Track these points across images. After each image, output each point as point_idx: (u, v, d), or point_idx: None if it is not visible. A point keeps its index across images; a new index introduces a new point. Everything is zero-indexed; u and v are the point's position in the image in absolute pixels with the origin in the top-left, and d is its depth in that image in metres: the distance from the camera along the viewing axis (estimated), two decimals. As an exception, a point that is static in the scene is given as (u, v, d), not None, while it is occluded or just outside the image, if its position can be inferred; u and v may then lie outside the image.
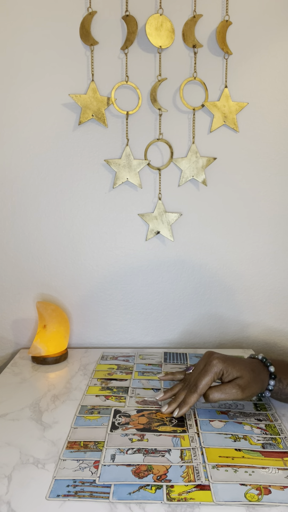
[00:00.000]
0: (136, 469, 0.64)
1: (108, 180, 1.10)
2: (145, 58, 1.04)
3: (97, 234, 1.12)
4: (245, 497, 0.58)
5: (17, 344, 1.17)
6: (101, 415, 0.80)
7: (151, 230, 1.11)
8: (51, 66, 1.04)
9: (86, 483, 0.61)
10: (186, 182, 1.09)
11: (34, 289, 1.14)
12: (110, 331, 1.17)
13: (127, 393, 0.89)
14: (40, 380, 0.96)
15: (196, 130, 1.07)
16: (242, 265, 1.14)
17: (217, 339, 1.18)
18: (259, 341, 1.18)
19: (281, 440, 0.72)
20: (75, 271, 1.14)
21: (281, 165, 1.09)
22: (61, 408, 0.83)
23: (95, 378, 0.97)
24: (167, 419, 0.78)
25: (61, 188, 1.10)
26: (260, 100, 1.06)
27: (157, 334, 1.18)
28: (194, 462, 0.66)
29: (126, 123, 1.06)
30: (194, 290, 1.16)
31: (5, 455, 0.68)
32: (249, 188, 1.10)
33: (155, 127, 1.07)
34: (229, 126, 1.06)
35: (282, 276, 1.15)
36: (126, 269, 1.14)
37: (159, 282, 1.15)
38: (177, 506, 0.57)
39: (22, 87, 1.05)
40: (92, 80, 1.04)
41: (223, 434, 0.73)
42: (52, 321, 1.05)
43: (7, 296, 1.15)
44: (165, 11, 1.02)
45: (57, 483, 0.61)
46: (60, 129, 1.07)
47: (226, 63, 1.04)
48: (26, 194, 1.10)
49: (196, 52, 1.04)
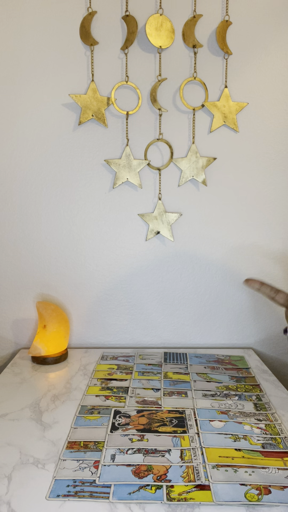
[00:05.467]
0: (136, 469, 0.64)
1: (108, 180, 1.10)
2: (145, 58, 1.04)
3: (97, 234, 1.12)
4: (245, 497, 0.58)
5: (17, 344, 1.17)
6: (101, 415, 0.80)
7: (151, 230, 1.11)
8: (51, 66, 1.04)
9: (86, 483, 0.61)
10: (186, 182, 1.09)
11: (34, 289, 1.14)
12: (110, 331, 1.17)
13: (127, 393, 0.89)
14: (40, 380, 0.96)
15: (196, 130, 1.07)
16: (242, 265, 1.14)
17: (217, 339, 1.18)
18: (259, 341, 1.18)
19: (281, 440, 0.72)
20: (75, 271, 1.14)
21: (281, 165, 1.09)
22: (61, 408, 0.83)
23: (95, 378, 0.97)
24: (167, 420, 0.78)
25: (61, 188, 1.10)
26: (260, 100, 1.06)
27: (157, 334, 1.18)
28: (194, 462, 0.66)
29: (126, 123, 1.06)
30: (194, 290, 1.16)
31: (5, 455, 0.68)
32: (249, 188, 1.10)
33: (155, 127, 1.07)
34: (229, 126, 1.06)
35: (282, 276, 1.15)
36: (126, 269, 1.14)
37: (159, 282, 1.15)
38: (177, 506, 0.57)
39: (22, 87, 1.05)
40: (92, 80, 1.04)
41: (223, 434, 0.73)
42: (52, 321, 1.05)
43: (7, 296, 1.15)
44: (165, 11, 1.02)
45: (57, 483, 0.61)
46: (60, 129, 1.07)
47: (226, 63, 1.04)
48: (26, 194, 1.10)
49: (196, 52, 1.04)
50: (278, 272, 1.15)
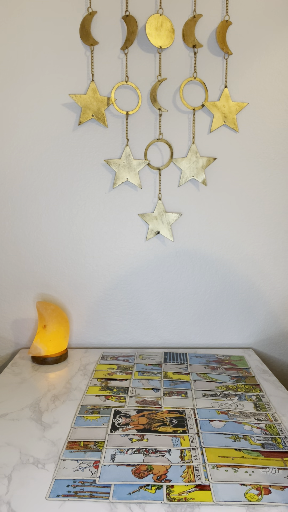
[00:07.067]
0: (136, 469, 0.64)
1: (108, 180, 1.10)
2: (145, 58, 1.04)
3: (97, 234, 1.12)
4: (245, 497, 0.58)
5: (17, 344, 1.17)
6: (101, 415, 0.80)
7: (151, 230, 1.11)
8: (51, 66, 1.04)
9: (86, 483, 0.61)
10: (186, 182, 1.09)
11: (34, 289, 1.14)
12: (110, 331, 1.17)
13: (127, 393, 0.89)
14: (40, 380, 0.96)
15: (196, 130, 1.07)
16: (242, 265, 1.14)
17: (217, 339, 1.18)
18: (259, 341, 1.18)
19: (281, 440, 0.72)
20: (75, 271, 1.14)
21: (281, 165, 1.09)
22: (61, 408, 0.83)
23: (95, 378, 0.97)
24: (167, 419, 0.78)
25: (61, 188, 1.10)
26: (260, 100, 1.06)
27: (157, 334, 1.18)
28: (194, 462, 0.66)
29: (126, 123, 1.06)
30: (194, 290, 1.16)
31: (5, 455, 0.68)
32: (249, 188, 1.10)
33: (155, 127, 1.07)
34: (229, 126, 1.06)
35: (282, 276, 1.15)
36: (126, 269, 1.14)
37: (159, 282, 1.15)
38: (177, 506, 0.57)
39: (22, 87, 1.05)
40: (92, 80, 1.04)
41: (223, 434, 0.73)
42: (52, 321, 1.05)
43: (7, 296, 1.15)
44: (165, 11, 1.02)
45: (57, 483, 0.61)
46: (60, 129, 1.07)
47: (226, 63, 1.04)
48: (26, 194, 1.10)
49: (196, 52, 1.04)
50: (278, 272, 1.15)
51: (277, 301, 1.16)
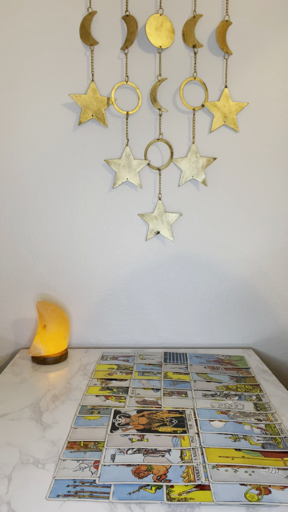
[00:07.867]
0: (136, 469, 0.64)
1: (108, 180, 1.10)
2: (145, 58, 1.04)
3: (97, 234, 1.12)
4: (245, 497, 0.58)
5: (17, 344, 1.17)
6: (101, 415, 0.80)
7: (151, 230, 1.11)
8: (51, 66, 1.04)
9: (86, 483, 0.61)
10: (186, 182, 1.09)
11: (34, 289, 1.14)
12: (110, 331, 1.17)
13: (127, 393, 0.89)
14: (40, 380, 0.96)
15: (196, 130, 1.07)
16: (242, 265, 1.14)
17: (217, 339, 1.18)
18: (259, 341, 1.18)
19: (281, 440, 0.72)
20: (75, 271, 1.14)
21: (281, 165, 1.09)
22: (61, 408, 0.83)
23: (95, 378, 0.97)
24: (167, 419, 0.78)
25: (61, 188, 1.10)
26: (260, 100, 1.06)
27: (157, 334, 1.18)
28: (194, 462, 0.66)
29: (126, 123, 1.06)
30: (194, 290, 1.16)
31: (5, 455, 0.68)
32: (249, 188, 1.10)
33: (155, 127, 1.07)
34: (229, 126, 1.06)
35: (282, 276, 1.15)
36: (126, 269, 1.14)
37: (159, 282, 1.15)
38: (177, 506, 0.57)
39: (22, 87, 1.05)
40: (92, 80, 1.04)
41: (223, 434, 0.73)
42: (52, 321, 1.05)
43: (7, 296, 1.15)
44: (165, 11, 1.02)
45: (57, 483, 0.61)
46: (60, 129, 1.07)
47: (226, 63, 1.04)
48: (26, 194, 1.10)
49: (196, 52, 1.04)
50: (278, 272, 1.15)
51: (277, 301, 1.16)
